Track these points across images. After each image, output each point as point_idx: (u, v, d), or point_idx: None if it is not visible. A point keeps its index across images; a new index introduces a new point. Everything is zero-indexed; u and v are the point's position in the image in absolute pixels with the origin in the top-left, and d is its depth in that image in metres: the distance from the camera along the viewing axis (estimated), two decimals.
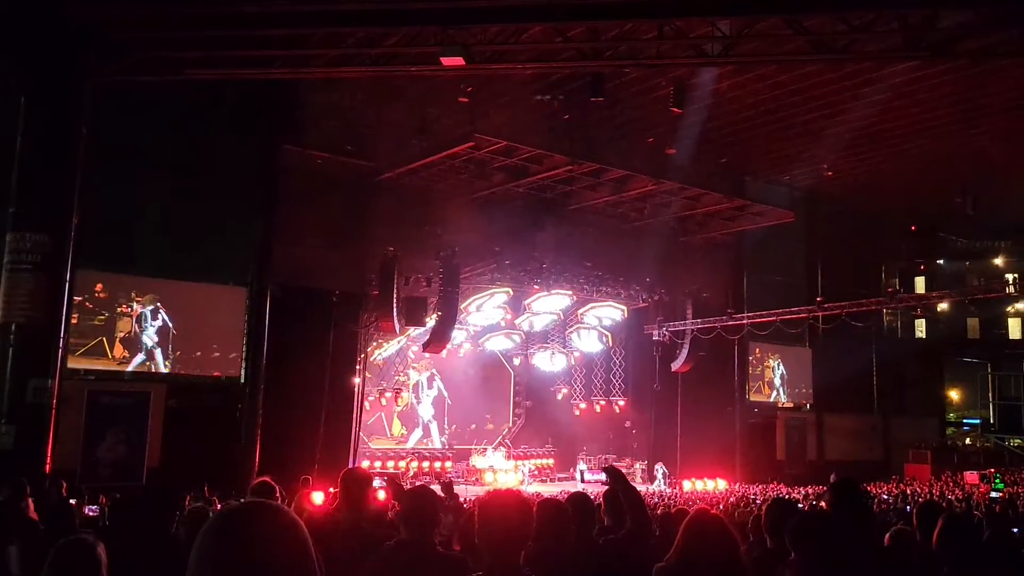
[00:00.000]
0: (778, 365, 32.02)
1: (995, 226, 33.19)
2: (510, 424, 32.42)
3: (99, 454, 17.69)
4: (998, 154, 23.99)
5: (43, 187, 13.43)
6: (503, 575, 2.72)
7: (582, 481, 26.65)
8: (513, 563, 2.78)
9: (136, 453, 18.02)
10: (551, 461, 30.60)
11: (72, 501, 9.65)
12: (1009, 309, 34.03)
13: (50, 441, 13.06)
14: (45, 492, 9.06)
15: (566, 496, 4.76)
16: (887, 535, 4.82)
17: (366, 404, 25.17)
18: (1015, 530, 8.83)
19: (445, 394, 30.60)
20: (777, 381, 32.10)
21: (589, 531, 4.39)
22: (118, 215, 17.33)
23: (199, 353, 19.80)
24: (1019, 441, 32.01)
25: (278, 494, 5.42)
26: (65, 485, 11.02)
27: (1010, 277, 25.74)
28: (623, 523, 4.55)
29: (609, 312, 30.17)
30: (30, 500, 5.89)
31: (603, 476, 5.17)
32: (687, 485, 26.21)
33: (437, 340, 24.01)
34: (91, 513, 10.13)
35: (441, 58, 13.16)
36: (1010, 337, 34.77)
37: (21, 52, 13.45)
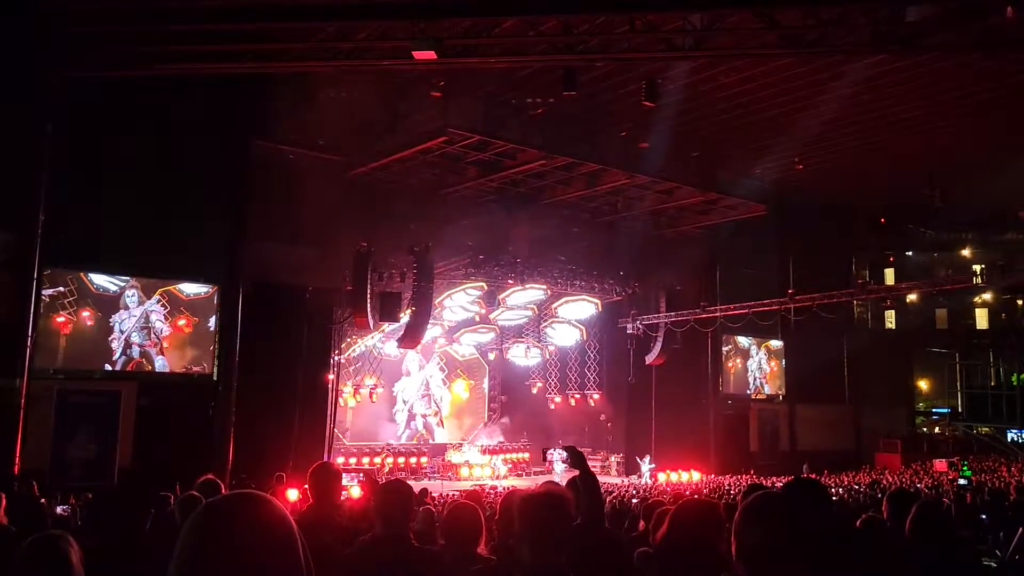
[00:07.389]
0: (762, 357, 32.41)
1: (962, 218, 33.71)
2: (485, 419, 32.43)
3: (69, 454, 17.43)
4: (965, 147, 24.33)
5: (8, 185, 13.24)
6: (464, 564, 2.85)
7: (545, 460, 26.56)
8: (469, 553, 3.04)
9: (107, 452, 17.77)
10: (526, 455, 30.66)
11: (43, 500, 9.51)
12: (976, 300, 34.56)
13: (19, 441, 12.90)
14: (15, 492, 8.92)
15: (553, 487, 4.62)
16: (858, 522, 4.89)
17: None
18: (983, 516, 8.98)
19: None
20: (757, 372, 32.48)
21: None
22: (87, 213, 17.06)
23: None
24: (987, 429, 32.48)
25: (223, 490, 5.37)
26: (35, 485, 10.89)
27: (977, 268, 26.19)
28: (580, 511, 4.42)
29: (583, 306, 30.24)
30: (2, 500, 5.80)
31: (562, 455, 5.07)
32: (662, 477, 26.40)
33: (411, 335, 23.93)
34: (63, 513, 10.01)
35: (413, 52, 13.12)
36: (977, 327, 35.33)
37: None
